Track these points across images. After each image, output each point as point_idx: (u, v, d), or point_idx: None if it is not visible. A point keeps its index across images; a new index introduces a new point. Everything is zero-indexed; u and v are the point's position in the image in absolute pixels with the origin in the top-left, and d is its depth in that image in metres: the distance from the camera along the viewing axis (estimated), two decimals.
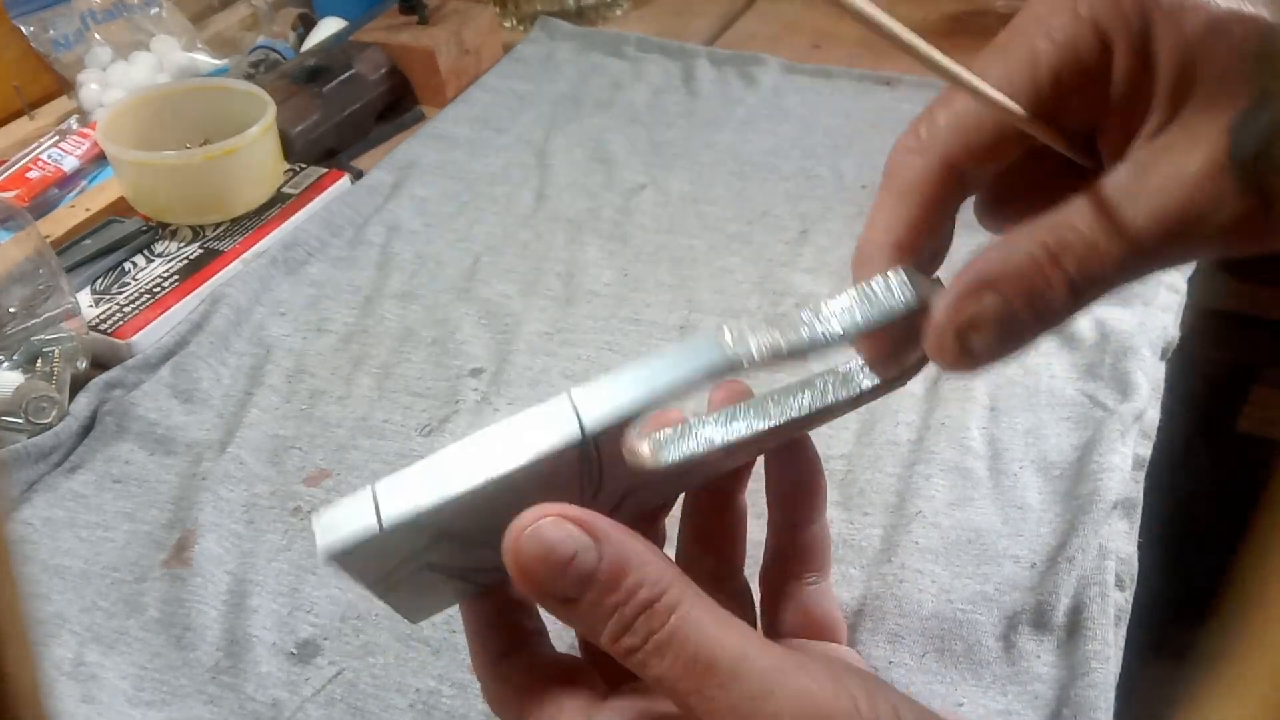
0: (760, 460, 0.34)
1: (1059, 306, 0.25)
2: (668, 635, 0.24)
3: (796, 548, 0.34)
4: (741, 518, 0.34)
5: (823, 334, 0.27)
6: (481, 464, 0.26)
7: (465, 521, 0.27)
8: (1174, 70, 0.24)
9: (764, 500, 0.34)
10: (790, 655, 0.25)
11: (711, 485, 0.33)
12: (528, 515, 0.25)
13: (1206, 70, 0.23)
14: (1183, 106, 0.24)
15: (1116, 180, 0.24)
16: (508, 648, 0.30)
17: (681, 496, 0.34)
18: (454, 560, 0.28)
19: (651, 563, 0.25)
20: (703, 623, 0.25)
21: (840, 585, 0.43)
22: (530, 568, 0.25)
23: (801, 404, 0.29)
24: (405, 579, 0.28)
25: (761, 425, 0.29)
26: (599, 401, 0.26)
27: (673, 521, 0.35)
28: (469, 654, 0.31)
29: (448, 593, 0.31)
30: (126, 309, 0.58)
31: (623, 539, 0.25)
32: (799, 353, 0.27)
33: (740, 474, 0.34)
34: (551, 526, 0.25)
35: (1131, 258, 0.24)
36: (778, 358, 0.27)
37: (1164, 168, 0.24)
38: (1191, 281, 0.58)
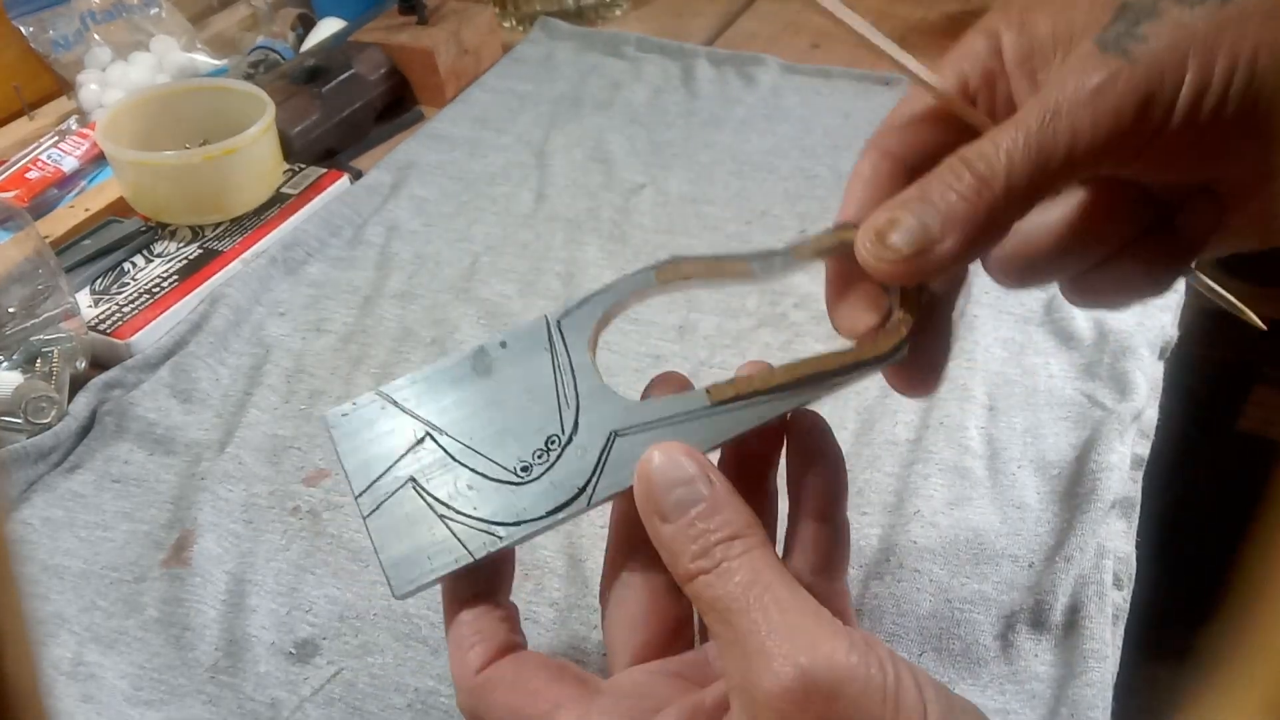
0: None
1: (972, 199, 0.27)
2: (737, 564, 0.27)
3: (812, 544, 0.34)
4: (772, 502, 0.34)
5: (757, 248, 0.32)
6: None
7: (448, 416, 0.31)
8: (1056, 38, 0.29)
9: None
10: (836, 620, 0.27)
11: (739, 468, 0.33)
12: (662, 443, 0.29)
13: (1080, 28, 0.28)
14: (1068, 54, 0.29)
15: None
16: (494, 654, 0.30)
17: None
18: (436, 482, 0.30)
19: (743, 511, 0.28)
20: (768, 563, 0.27)
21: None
22: (653, 477, 0.28)
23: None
24: (391, 496, 0.30)
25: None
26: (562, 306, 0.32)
27: None
28: (450, 661, 0.30)
29: (429, 550, 0.30)
30: (126, 309, 0.58)
31: (726, 483, 0.29)
32: (729, 263, 0.32)
33: (768, 458, 0.33)
34: (680, 453, 0.29)
35: (1027, 144, 0.27)
36: (703, 270, 0.32)
37: (1046, 80, 0.29)
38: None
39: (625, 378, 0.52)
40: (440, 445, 0.31)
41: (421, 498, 0.30)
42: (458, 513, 0.30)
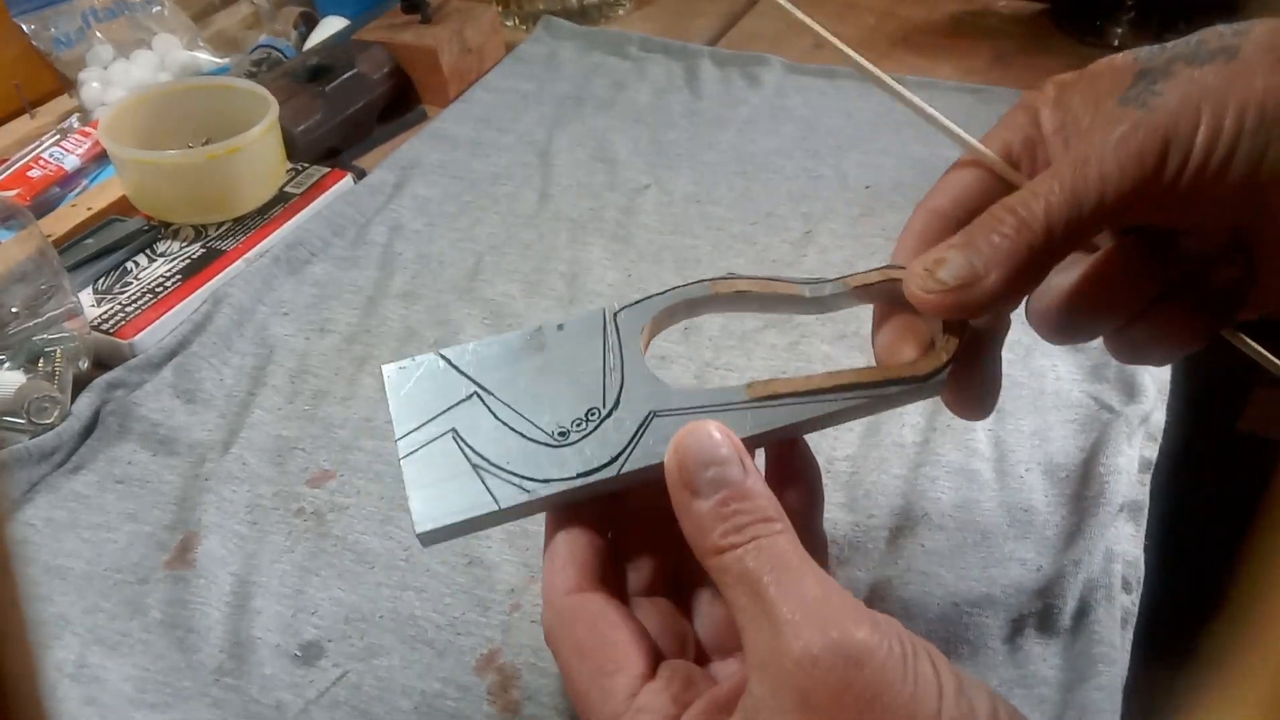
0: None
1: (1014, 238, 0.30)
2: (768, 542, 0.28)
3: None
4: None
5: (806, 276, 0.34)
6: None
7: (498, 380, 0.32)
8: (1084, 107, 0.32)
9: None
10: (859, 601, 0.28)
11: None
12: (698, 421, 0.30)
13: (1105, 93, 0.31)
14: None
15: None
16: (587, 581, 0.31)
17: None
18: (477, 436, 0.31)
19: (773, 499, 0.29)
20: (795, 546, 0.28)
21: (845, 587, 0.42)
22: (689, 453, 0.29)
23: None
24: (430, 442, 0.31)
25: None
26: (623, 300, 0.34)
27: None
28: (546, 574, 0.31)
29: (458, 495, 0.31)
30: (129, 309, 0.58)
31: (755, 468, 0.30)
32: (781, 283, 0.34)
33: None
34: (718, 432, 0.29)
35: (1062, 191, 0.29)
36: (757, 287, 0.33)
37: (1077, 139, 0.32)
38: None
39: None
40: (485, 405, 0.32)
41: (460, 449, 0.32)
42: (492, 465, 0.31)
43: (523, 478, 0.31)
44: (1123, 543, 0.43)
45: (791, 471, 0.34)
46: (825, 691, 0.25)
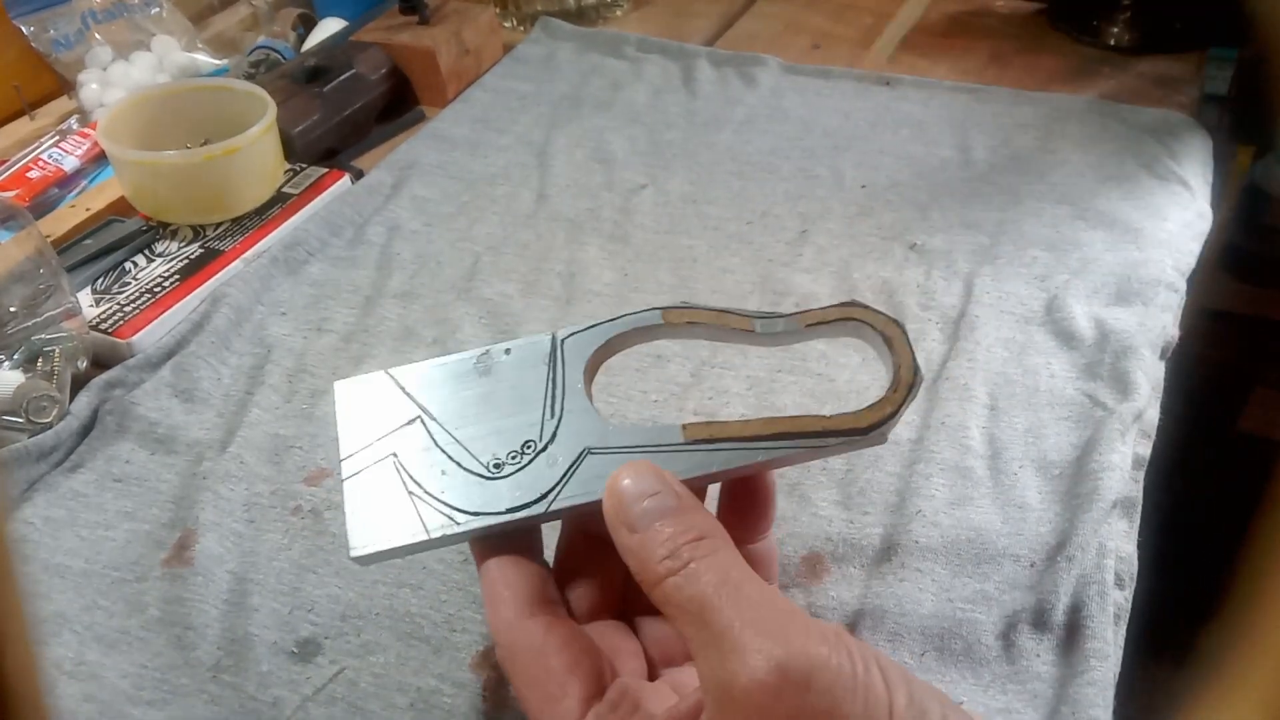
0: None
1: None
2: (706, 564, 0.28)
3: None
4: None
5: (761, 311, 0.34)
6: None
7: (442, 405, 0.33)
8: None
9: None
10: (804, 613, 0.28)
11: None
12: (632, 462, 0.31)
13: None
14: None
15: None
16: (526, 609, 0.31)
17: None
18: (415, 462, 0.32)
19: (706, 516, 0.30)
20: (736, 562, 0.28)
21: (840, 584, 0.43)
22: (622, 492, 0.30)
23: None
24: (371, 466, 0.32)
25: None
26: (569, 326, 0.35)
27: None
28: (487, 609, 0.32)
29: (391, 522, 0.32)
30: (127, 308, 0.58)
31: (691, 495, 0.30)
32: (734, 316, 0.34)
33: (699, 492, 0.35)
34: (648, 469, 0.30)
35: None
36: (709, 319, 0.34)
37: None
38: (1191, 281, 0.58)
39: (626, 377, 0.52)
40: (427, 430, 0.33)
41: (398, 473, 0.32)
42: (426, 493, 0.32)
43: (454, 509, 0.31)
44: (1116, 539, 0.43)
45: (739, 491, 0.34)
46: (776, 718, 0.25)
